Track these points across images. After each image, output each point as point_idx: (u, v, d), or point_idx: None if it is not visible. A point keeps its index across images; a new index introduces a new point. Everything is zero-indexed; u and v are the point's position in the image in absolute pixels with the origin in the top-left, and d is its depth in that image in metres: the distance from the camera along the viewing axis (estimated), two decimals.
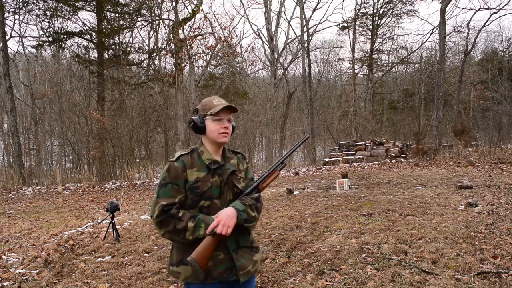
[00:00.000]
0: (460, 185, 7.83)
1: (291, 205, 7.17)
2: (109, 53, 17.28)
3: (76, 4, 16.16)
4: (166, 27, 17.96)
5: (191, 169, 1.81)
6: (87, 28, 16.86)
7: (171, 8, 16.90)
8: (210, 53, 18.98)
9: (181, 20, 16.42)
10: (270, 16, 24.16)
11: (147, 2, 16.41)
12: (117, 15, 16.90)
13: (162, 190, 1.78)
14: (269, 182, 1.95)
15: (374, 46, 24.97)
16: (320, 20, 47.02)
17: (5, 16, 15.39)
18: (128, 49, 17.96)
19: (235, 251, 1.83)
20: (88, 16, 48.70)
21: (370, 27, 24.78)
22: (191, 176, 1.80)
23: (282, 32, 52.60)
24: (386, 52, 27.35)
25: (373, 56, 25.11)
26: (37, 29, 33.72)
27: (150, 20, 17.66)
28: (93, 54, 17.46)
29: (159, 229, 1.77)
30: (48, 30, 17.85)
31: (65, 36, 17.24)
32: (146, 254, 4.67)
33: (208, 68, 20.94)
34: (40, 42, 17.69)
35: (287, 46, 27.70)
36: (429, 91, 24.72)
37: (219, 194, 1.83)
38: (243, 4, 39.82)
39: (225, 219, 1.74)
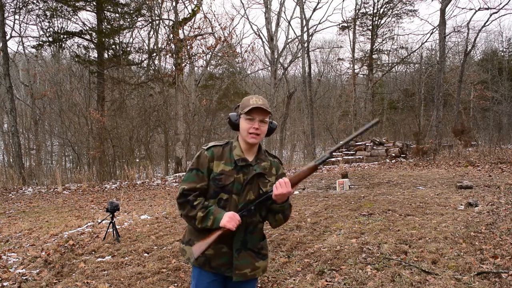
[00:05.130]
0: (460, 185, 7.83)
1: (291, 205, 7.17)
2: (109, 53, 17.28)
3: (76, 4, 16.17)
4: (166, 27, 17.97)
5: (218, 161, 1.85)
6: (87, 28, 16.88)
7: (171, 8, 16.91)
8: (210, 53, 19.00)
9: (181, 20, 16.42)
10: (270, 16, 24.12)
11: (147, 2, 16.41)
12: (117, 15, 16.90)
13: (188, 174, 1.87)
14: (298, 176, 1.90)
15: (374, 46, 24.97)
16: (320, 20, 47.01)
17: (5, 16, 15.38)
18: (128, 49, 17.97)
19: (238, 251, 1.85)
20: (88, 16, 48.76)
21: (370, 27, 24.78)
22: (217, 168, 1.84)
23: (282, 32, 52.57)
24: (386, 52, 27.37)
25: (373, 56, 25.10)
26: (37, 29, 33.73)
27: (150, 20, 17.67)
28: (93, 54, 17.48)
29: (179, 210, 1.87)
30: (48, 30, 17.88)
31: (65, 36, 17.25)
32: (146, 254, 4.67)
33: (208, 68, 20.96)
34: (40, 42, 17.71)
35: (287, 46, 27.67)
36: (429, 91, 24.72)
37: (239, 190, 1.85)
38: (243, 4, 39.76)
39: (230, 214, 1.78)
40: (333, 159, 17.17)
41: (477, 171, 10.81)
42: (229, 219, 1.75)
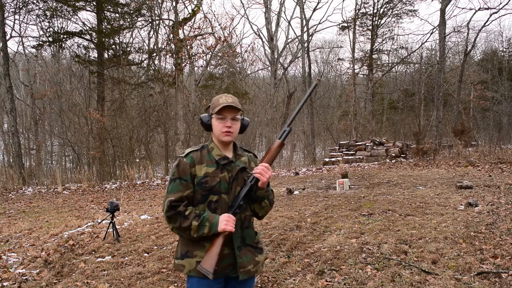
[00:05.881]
0: (460, 185, 7.83)
1: (291, 205, 7.17)
2: (109, 53, 17.28)
3: (76, 4, 16.17)
4: (166, 27, 17.98)
5: (200, 165, 1.84)
6: (87, 28, 16.88)
7: (171, 8, 16.91)
8: (210, 53, 19.00)
9: (181, 20, 16.42)
10: (270, 16, 24.16)
11: (147, 2, 16.41)
12: (117, 15, 16.91)
13: (171, 185, 1.82)
14: (272, 157, 1.91)
15: (374, 46, 24.97)
16: (320, 20, 47.02)
17: (5, 16, 15.38)
18: (128, 49, 17.97)
19: (239, 248, 1.86)
20: (88, 16, 48.72)
21: (370, 27, 24.78)
22: (200, 172, 1.83)
23: (282, 32, 52.59)
24: (386, 52, 27.38)
25: (373, 56, 25.11)
26: (37, 29, 33.71)
27: (150, 20, 17.67)
28: (93, 54, 17.49)
29: (168, 224, 1.81)
30: (48, 30, 17.88)
31: (65, 36, 17.26)
32: (146, 254, 4.66)
33: (208, 68, 20.96)
34: (40, 42, 17.71)
35: (287, 46, 27.70)
36: (429, 91, 24.71)
37: (227, 189, 1.85)
38: (243, 4, 39.85)
39: (225, 216, 1.78)
40: (333, 159, 17.17)
41: (477, 171, 10.81)
42: (226, 222, 1.76)
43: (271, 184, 1.98)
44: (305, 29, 23.45)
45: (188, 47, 16.87)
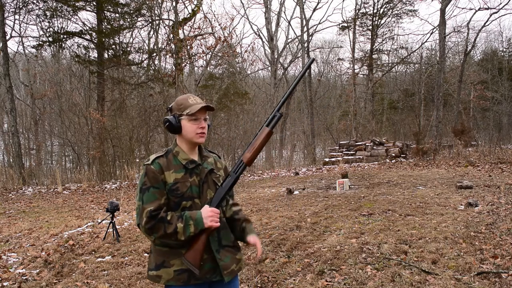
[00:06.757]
0: (460, 185, 7.83)
1: (291, 205, 7.17)
2: (109, 53, 17.28)
3: (76, 4, 16.16)
4: (166, 27, 17.98)
5: (168, 171, 1.77)
6: (87, 28, 16.87)
7: (171, 8, 16.92)
8: (210, 53, 19.00)
9: (181, 20, 16.43)
10: (270, 16, 24.18)
11: (147, 2, 16.41)
12: (117, 15, 16.91)
13: (145, 195, 1.73)
14: (259, 148, 1.83)
15: (374, 46, 24.96)
16: (320, 20, 47.03)
17: (5, 16, 15.38)
18: (128, 49, 17.97)
19: (218, 251, 1.82)
20: (88, 16, 48.70)
21: (370, 27, 24.78)
22: (169, 178, 1.76)
23: (282, 32, 52.55)
24: (386, 52, 27.36)
25: (373, 56, 25.10)
26: (37, 29, 33.74)
27: (150, 20, 17.67)
28: (93, 54, 17.48)
29: (149, 236, 1.72)
30: (48, 30, 17.88)
31: (65, 36, 17.25)
32: (146, 254, 4.66)
33: (208, 68, 20.95)
34: (40, 42, 17.70)
35: (287, 46, 27.72)
36: (429, 91, 24.71)
37: (198, 193, 1.81)
38: (243, 4, 39.88)
39: (208, 211, 1.74)
40: (333, 159, 17.17)
41: (477, 171, 10.81)
42: (210, 217, 1.72)
43: (271, 184, 1.98)
44: (305, 29, 23.46)
45: (188, 47, 16.88)
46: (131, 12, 16.78)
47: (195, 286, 1.77)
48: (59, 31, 17.93)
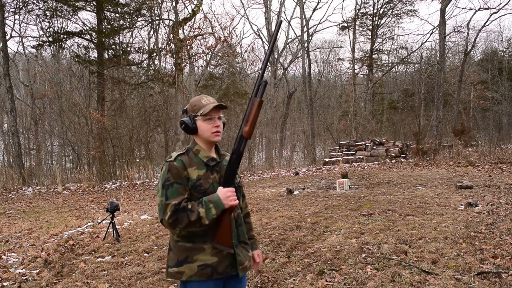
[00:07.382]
0: (460, 185, 7.83)
1: (291, 205, 7.17)
2: (109, 53, 17.29)
3: (76, 4, 16.17)
4: (166, 27, 17.98)
5: (191, 168, 1.82)
6: (87, 28, 16.88)
7: (171, 8, 16.91)
8: (210, 53, 19.00)
9: (181, 20, 16.42)
10: (270, 16, 24.18)
11: (147, 2, 16.41)
12: (117, 15, 16.91)
13: (169, 191, 1.77)
14: (255, 119, 1.87)
15: (374, 46, 24.96)
16: (320, 20, 47.05)
17: (5, 16, 15.38)
18: (128, 49, 17.97)
19: (236, 246, 1.88)
20: (88, 16, 48.68)
21: (370, 27, 24.77)
22: (192, 175, 1.82)
23: (282, 32, 52.37)
24: (386, 52, 27.36)
25: (373, 56, 25.09)
26: (37, 29, 33.74)
27: (150, 20, 17.67)
28: (93, 54, 17.49)
29: (173, 229, 1.76)
30: (48, 30, 17.88)
31: (65, 36, 17.26)
32: (146, 254, 4.67)
33: (208, 68, 20.96)
34: (40, 42, 17.71)
35: (287, 46, 27.72)
36: (429, 91, 24.70)
37: None
38: (243, 4, 39.90)
39: (225, 192, 1.79)
40: (333, 159, 17.17)
41: (477, 171, 10.81)
42: (228, 197, 1.78)
43: (271, 184, 2.01)
44: (305, 29, 23.46)
45: (188, 47, 16.87)
46: (131, 12, 16.78)
47: (210, 283, 1.81)
48: (59, 31, 17.94)
